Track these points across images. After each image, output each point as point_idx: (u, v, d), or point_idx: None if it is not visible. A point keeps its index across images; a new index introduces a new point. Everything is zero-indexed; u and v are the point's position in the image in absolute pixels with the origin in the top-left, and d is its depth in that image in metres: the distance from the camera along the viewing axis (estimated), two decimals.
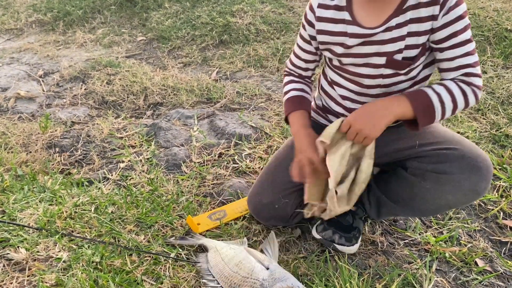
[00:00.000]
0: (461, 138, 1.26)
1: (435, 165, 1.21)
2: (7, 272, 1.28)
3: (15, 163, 1.89)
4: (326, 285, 1.22)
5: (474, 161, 1.17)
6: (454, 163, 1.18)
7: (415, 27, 1.18)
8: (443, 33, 1.16)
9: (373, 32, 1.20)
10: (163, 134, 2.11)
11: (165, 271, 1.30)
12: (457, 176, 1.18)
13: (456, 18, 1.15)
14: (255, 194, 1.46)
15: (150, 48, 3.28)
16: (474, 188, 1.18)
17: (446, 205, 1.27)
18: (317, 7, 1.29)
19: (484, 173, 1.18)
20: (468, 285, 1.33)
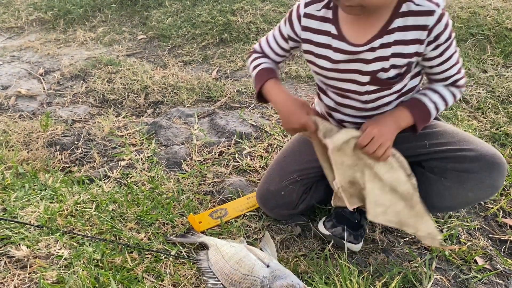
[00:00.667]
0: (471, 137, 1.31)
1: (454, 164, 1.26)
2: (8, 269, 1.29)
3: (16, 161, 1.89)
4: (326, 283, 1.22)
5: (493, 159, 1.23)
6: (474, 162, 1.24)
7: (400, 49, 1.19)
8: (431, 54, 1.21)
9: (357, 50, 1.21)
10: (163, 132, 2.11)
11: (165, 268, 1.30)
12: (479, 174, 1.24)
13: (444, 41, 1.18)
14: (264, 182, 1.52)
15: (150, 46, 3.28)
16: (494, 184, 1.24)
17: (463, 202, 1.33)
18: (303, 16, 1.28)
19: (502, 169, 1.24)
20: (467, 283, 1.34)
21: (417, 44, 1.18)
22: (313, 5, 1.27)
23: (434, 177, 1.31)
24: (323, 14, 1.25)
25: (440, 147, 1.30)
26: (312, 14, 1.27)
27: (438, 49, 1.20)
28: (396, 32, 1.17)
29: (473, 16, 3.05)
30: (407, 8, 1.16)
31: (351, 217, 1.42)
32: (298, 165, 1.48)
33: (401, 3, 1.16)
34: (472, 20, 3.01)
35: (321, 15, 1.26)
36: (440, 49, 1.20)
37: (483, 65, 2.64)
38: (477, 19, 3.01)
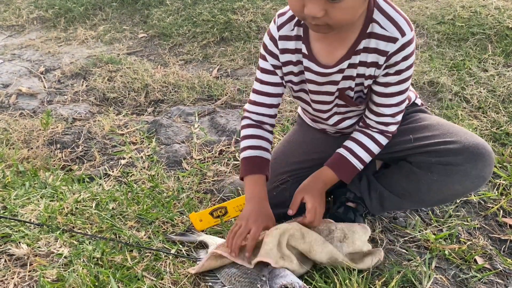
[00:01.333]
0: (456, 129, 1.29)
1: (439, 158, 1.24)
2: (8, 268, 1.29)
3: (17, 159, 1.89)
4: (325, 282, 1.22)
5: (476, 149, 1.21)
6: (458, 155, 1.22)
7: (362, 70, 1.21)
8: (380, 79, 1.22)
9: (327, 71, 1.23)
10: (164, 131, 2.11)
11: (165, 267, 1.30)
12: (463, 166, 1.22)
13: (396, 71, 1.19)
14: None
15: (151, 45, 3.28)
16: (480, 174, 1.22)
17: (453, 194, 1.32)
18: (279, 39, 1.27)
19: (487, 158, 1.22)
20: (467, 283, 1.34)
21: (375, 67, 1.19)
22: (285, 26, 1.26)
23: (421, 172, 1.29)
24: (297, 33, 1.25)
25: (424, 141, 1.29)
26: (286, 35, 1.26)
27: (386, 77, 1.20)
28: (361, 53, 1.18)
29: (474, 15, 3.04)
30: (372, 29, 1.16)
31: (345, 218, 1.43)
32: (288, 166, 1.49)
33: (368, 24, 1.16)
34: (473, 19, 3.01)
35: (295, 34, 1.25)
36: (387, 78, 1.20)
37: (484, 65, 2.64)
38: (478, 18, 3.00)
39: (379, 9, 1.15)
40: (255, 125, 1.40)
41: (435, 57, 2.74)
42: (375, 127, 1.31)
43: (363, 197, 1.44)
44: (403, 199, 1.38)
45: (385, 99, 1.25)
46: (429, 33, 3.03)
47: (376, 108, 1.28)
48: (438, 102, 2.35)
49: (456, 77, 2.52)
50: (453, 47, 2.86)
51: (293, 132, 1.65)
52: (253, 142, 1.37)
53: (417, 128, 1.33)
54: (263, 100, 1.38)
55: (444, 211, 1.62)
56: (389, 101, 1.25)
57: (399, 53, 1.16)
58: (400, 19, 1.15)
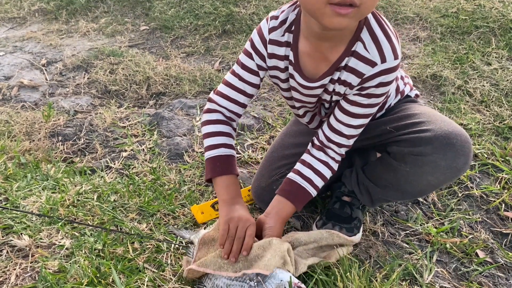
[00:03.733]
0: (435, 117, 1.23)
1: (411, 149, 1.20)
2: (10, 259, 1.29)
3: (18, 151, 1.89)
4: (326, 275, 1.23)
5: (447, 139, 1.15)
6: (428, 144, 1.17)
7: (337, 87, 1.21)
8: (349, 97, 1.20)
9: (309, 85, 1.23)
10: (165, 123, 2.11)
11: (167, 259, 1.31)
12: (432, 156, 1.17)
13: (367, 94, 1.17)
14: (255, 179, 1.54)
15: (153, 37, 3.27)
16: (452, 165, 1.16)
17: (429, 185, 1.27)
18: (269, 43, 1.24)
19: (459, 149, 1.15)
20: (468, 276, 1.34)
21: (347, 87, 1.18)
22: (277, 30, 1.23)
23: (396, 163, 1.26)
24: (287, 39, 1.23)
25: (400, 130, 1.25)
26: (276, 40, 1.24)
27: (355, 96, 1.18)
28: (342, 70, 1.17)
29: (478, 8, 3.02)
30: (355, 48, 1.14)
31: (341, 213, 1.43)
32: (286, 158, 1.49)
33: (354, 42, 1.13)
34: (477, 12, 2.98)
35: (285, 40, 1.23)
36: (356, 98, 1.18)
37: (487, 58, 2.62)
38: (482, 11, 2.98)
39: (368, 28, 1.12)
40: (226, 122, 1.34)
41: (438, 51, 2.73)
42: (327, 145, 1.28)
43: (354, 191, 1.45)
44: (387, 191, 1.36)
45: (347, 118, 1.22)
46: (432, 26, 3.01)
47: (336, 124, 1.25)
48: (441, 95, 2.34)
49: (459, 71, 2.51)
50: (456, 40, 2.84)
51: (289, 124, 1.67)
52: (214, 141, 1.32)
53: (397, 118, 1.29)
54: (237, 98, 1.33)
55: (445, 204, 1.62)
56: (350, 121, 1.22)
57: (375, 79, 1.13)
58: (386, 45, 1.11)
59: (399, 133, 1.25)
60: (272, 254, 1.15)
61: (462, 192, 1.67)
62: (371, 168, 1.40)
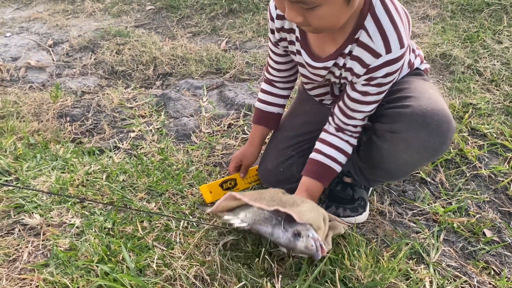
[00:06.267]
0: (423, 93, 1.18)
1: (390, 125, 1.17)
2: (22, 237, 1.32)
3: (27, 131, 1.91)
4: (334, 252, 1.24)
5: (422, 118, 1.10)
6: (404, 121, 1.13)
7: (343, 72, 1.19)
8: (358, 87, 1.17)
9: (314, 65, 1.22)
10: (172, 104, 2.11)
11: (175, 237, 1.32)
12: (405, 133, 1.13)
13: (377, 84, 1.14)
14: (262, 161, 1.55)
15: (159, 17, 3.24)
16: (425, 144, 1.12)
17: (407, 164, 1.25)
18: (276, 18, 1.25)
19: (434, 129, 1.10)
20: (475, 255, 1.34)
21: (354, 75, 1.16)
22: None
23: (378, 140, 1.23)
24: None
25: (389, 104, 1.21)
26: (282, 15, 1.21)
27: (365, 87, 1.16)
28: (346, 57, 1.15)
29: None
30: (359, 36, 1.10)
31: (343, 194, 1.44)
32: (290, 139, 1.50)
33: (357, 29, 1.10)
34: None
35: None
36: (367, 88, 1.16)
37: (498, 36, 2.58)
38: None
39: (373, 15, 1.07)
40: (267, 80, 1.50)
41: (448, 29, 2.68)
42: (345, 128, 1.28)
43: (351, 172, 1.45)
44: (375, 171, 1.35)
45: (360, 106, 1.21)
46: (442, 4, 2.96)
47: (350, 112, 1.24)
48: (450, 75, 2.31)
49: (469, 50, 2.47)
50: (467, 18, 2.79)
51: (293, 103, 1.66)
52: (267, 98, 1.50)
53: (390, 91, 1.23)
54: (279, 67, 1.43)
55: (453, 184, 1.61)
56: (363, 108, 1.21)
57: (381, 69, 1.10)
58: (392, 34, 1.06)
59: (385, 106, 1.21)
60: (309, 209, 1.15)
61: (470, 172, 1.67)
62: (362, 149, 1.39)
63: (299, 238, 1.10)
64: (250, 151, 1.55)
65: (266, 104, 1.51)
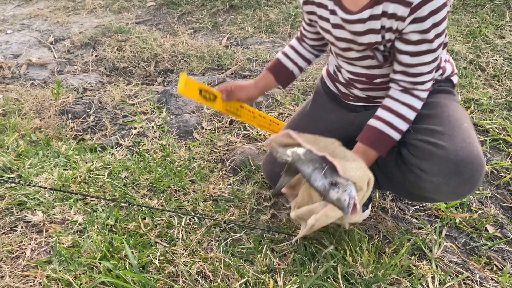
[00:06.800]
0: (455, 128, 1.13)
1: (419, 161, 1.12)
2: (25, 234, 1.32)
3: (29, 129, 1.91)
4: (336, 249, 1.24)
5: (456, 167, 1.06)
6: (436, 165, 1.09)
7: (384, 21, 1.10)
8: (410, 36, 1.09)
9: (348, 18, 1.14)
10: (174, 101, 2.11)
11: (178, 234, 1.32)
12: (436, 178, 1.10)
13: (427, 29, 1.06)
14: (268, 162, 1.45)
15: (160, 13, 3.23)
16: (454, 191, 1.10)
17: (430, 199, 1.24)
18: None
19: (466, 178, 1.07)
20: (477, 250, 1.34)
21: (399, 20, 1.08)
22: None
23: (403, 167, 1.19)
24: None
25: (417, 132, 1.16)
26: None
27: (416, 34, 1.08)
28: (384, 3, 1.08)
29: None
30: None
31: None
32: None
33: None
34: None
35: None
36: (417, 36, 1.08)
37: (500, 31, 2.57)
38: None
39: None
40: (298, 38, 1.47)
41: (450, 24, 2.67)
42: (413, 87, 1.18)
43: None
44: (393, 184, 1.30)
45: (421, 58, 1.12)
46: None
47: (413, 69, 1.14)
48: None
49: (472, 45, 2.46)
50: (469, 13, 2.78)
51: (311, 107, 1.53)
52: (290, 53, 1.47)
53: (420, 116, 1.19)
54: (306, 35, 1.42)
55: None
56: (425, 59, 1.12)
57: (424, 6, 1.02)
58: None
59: (413, 135, 1.17)
60: (357, 167, 1.10)
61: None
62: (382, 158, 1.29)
63: (334, 188, 1.06)
64: (250, 89, 1.47)
65: (286, 57, 1.46)
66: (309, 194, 1.17)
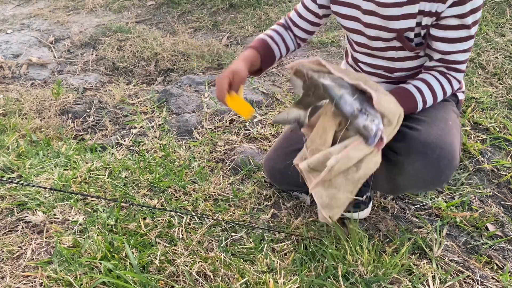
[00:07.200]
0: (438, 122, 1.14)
1: (393, 142, 1.11)
2: (26, 234, 1.32)
3: (30, 129, 1.91)
4: (336, 248, 1.24)
5: (422, 147, 1.07)
6: (405, 143, 1.10)
7: (423, 5, 1.09)
8: (450, 21, 1.08)
9: (385, 1, 1.12)
10: (174, 100, 2.11)
11: (178, 233, 1.33)
12: (402, 157, 1.10)
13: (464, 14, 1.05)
14: (269, 159, 1.46)
15: (160, 13, 3.23)
16: (418, 175, 1.10)
17: (399, 187, 1.21)
18: None
19: (432, 162, 1.07)
20: (478, 249, 1.34)
21: (439, 2, 1.06)
22: None
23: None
24: None
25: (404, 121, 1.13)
26: None
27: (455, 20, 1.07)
28: None
29: None
30: None
31: None
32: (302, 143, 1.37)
33: None
34: None
35: None
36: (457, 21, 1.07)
37: (501, 29, 2.56)
38: None
39: None
40: (281, 24, 1.41)
41: None
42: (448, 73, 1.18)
43: None
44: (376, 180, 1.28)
45: (458, 45, 1.11)
46: None
47: (450, 56, 1.14)
48: None
49: None
50: None
51: None
52: (268, 32, 1.39)
53: None
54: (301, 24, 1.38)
55: (456, 179, 1.61)
56: (462, 47, 1.11)
57: None
58: None
59: None
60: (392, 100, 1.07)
61: (473, 166, 1.66)
62: None
63: (363, 115, 1.01)
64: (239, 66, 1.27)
65: (273, 42, 1.36)
66: (324, 127, 1.10)
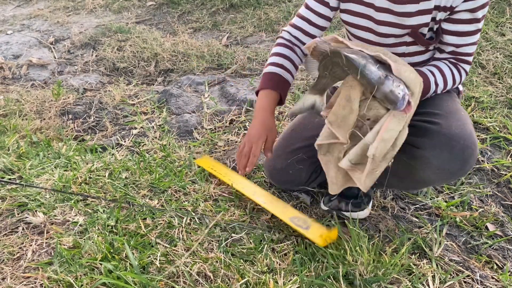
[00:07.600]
0: (454, 114, 1.16)
1: (413, 138, 1.13)
2: (26, 235, 1.33)
3: (30, 130, 1.91)
4: (336, 248, 1.24)
5: (447, 139, 1.09)
6: (427, 138, 1.11)
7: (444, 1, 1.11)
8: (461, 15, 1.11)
9: None
10: (174, 100, 2.11)
11: (178, 234, 1.33)
12: (426, 152, 1.11)
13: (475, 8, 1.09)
14: (269, 159, 1.44)
15: (160, 13, 3.23)
16: (444, 167, 1.11)
17: (423, 182, 1.22)
18: None
19: (457, 153, 1.09)
20: (478, 249, 1.34)
21: None
22: None
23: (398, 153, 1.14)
24: None
25: (418, 116, 1.16)
26: None
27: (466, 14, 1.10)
28: None
29: None
30: None
31: (347, 192, 1.39)
32: (304, 141, 1.38)
33: None
34: None
35: None
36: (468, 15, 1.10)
37: (501, 29, 2.56)
38: None
39: None
40: (286, 45, 1.37)
41: None
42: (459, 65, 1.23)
43: None
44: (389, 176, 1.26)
45: (468, 38, 1.16)
46: None
47: (461, 49, 1.19)
48: None
49: None
50: None
51: None
52: (278, 60, 1.34)
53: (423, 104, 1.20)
54: (302, 26, 1.34)
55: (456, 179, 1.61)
56: (471, 40, 1.16)
57: None
58: None
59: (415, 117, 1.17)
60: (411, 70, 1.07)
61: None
62: None
63: (389, 80, 1.02)
64: (271, 121, 1.30)
65: (283, 70, 1.32)
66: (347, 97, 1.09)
